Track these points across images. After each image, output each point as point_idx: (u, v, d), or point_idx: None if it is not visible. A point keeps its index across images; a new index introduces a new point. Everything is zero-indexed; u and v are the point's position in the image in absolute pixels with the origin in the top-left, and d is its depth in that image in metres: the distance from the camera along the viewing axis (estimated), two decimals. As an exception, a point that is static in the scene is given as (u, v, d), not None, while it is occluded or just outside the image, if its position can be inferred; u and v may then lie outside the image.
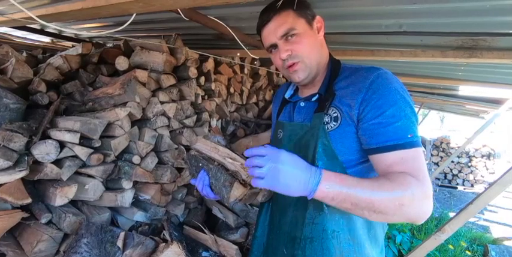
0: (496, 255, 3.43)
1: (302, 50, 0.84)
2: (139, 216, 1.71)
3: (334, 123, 0.82)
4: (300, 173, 0.67)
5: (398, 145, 0.72)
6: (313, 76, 0.89)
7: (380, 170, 0.76)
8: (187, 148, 2.01)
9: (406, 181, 0.68)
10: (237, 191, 0.81)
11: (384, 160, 0.74)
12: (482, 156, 7.40)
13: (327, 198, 0.67)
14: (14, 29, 2.50)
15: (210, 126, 2.24)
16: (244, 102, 2.67)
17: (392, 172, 0.72)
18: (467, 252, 3.52)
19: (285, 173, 0.66)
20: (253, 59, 2.62)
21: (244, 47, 1.79)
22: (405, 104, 0.75)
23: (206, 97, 2.22)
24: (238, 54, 2.28)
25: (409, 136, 0.72)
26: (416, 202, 0.67)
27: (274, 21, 0.85)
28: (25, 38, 2.97)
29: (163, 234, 1.65)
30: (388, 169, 0.73)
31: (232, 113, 2.55)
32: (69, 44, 3.14)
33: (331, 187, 0.66)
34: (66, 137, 1.40)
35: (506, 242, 3.95)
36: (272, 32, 0.85)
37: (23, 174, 1.28)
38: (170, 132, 1.93)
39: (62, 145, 1.44)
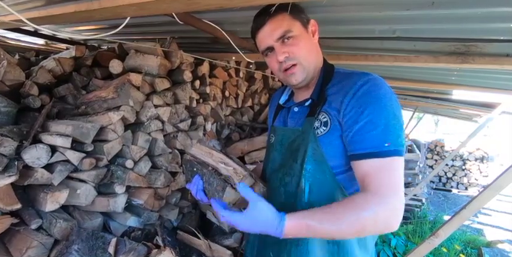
0: (490, 258, 3.45)
1: (299, 52, 0.84)
2: (132, 221, 1.68)
3: (324, 128, 0.82)
4: (263, 230, 0.73)
5: (373, 153, 0.72)
6: (309, 79, 0.89)
7: (358, 178, 0.77)
8: (182, 152, 2.00)
9: (367, 203, 0.69)
10: (229, 196, 0.82)
11: (359, 167, 0.75)
12: (476, 159, 7.48)
13: (294, 236, 0.73)
14: (7, 31, 2.48)
15: (204, 130, 2.23)
16: (240, 106, 2.67)
17: (364, 183, 0.73)
18: (461, 255, 3.53)
19: (255, 226, 0.74)
20: (249, 63, 2.62)
21: (239, 50, 1.79)
22: (388, 111, 0.74)
23: (201, 101, 2.21)
24: (233, 58, 2.28)
25: (386, 145, 0.71)
26: (380, 219, 0.69)
27: (269, 24, 0.84)
28: (19, 40, 2.95)
29: (156, 239, 1.63)
30: (362, 179, 0.74)
31: (228, 117, 2.55)
32: (63, 46, 3.12)
33: (295, 231, 0.71)
34: (57, 141, 1.38)
35: (499, 245, 3.98)
36: (268, 34, 0.85)
37: (12, 179, 1.26)
38: (164, 136, 1.92)
39: (53, 149, 1.42)
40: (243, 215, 0.73)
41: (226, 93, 2.44)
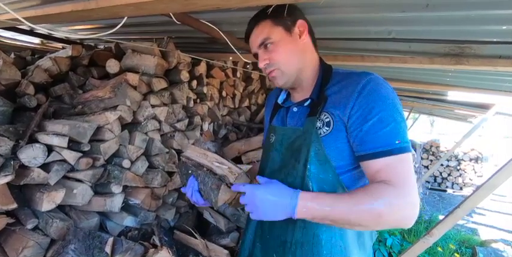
0: (484, 257, 3.48)
1: (278, 58, 0.87)
2: (129, 221, 1.68)
3: (326, 128, 0.82)
4: (279, 201, 0.74)
5: (386, 151, 0.73)
6: (293, 80, 0.91)
7: (369, 176, 0.77)
8: (179, 152, 2.00)
9: (384, 192, 0.70)
10: (224, 195, 0.82)
11: (372, 166, 0.75)
12: (471, 159, 7.55)
13: (308, 217, 0.74)
14: (2, 30, 2.46)
15: (201, 130, 2.24)
16: (237, 106, 2.67)
17: (377, 179, 0.74)
18: (455, 254, 3.57)
19: (266, 206, 0.74)
20: (246, 63, 2.63)
21: (236, 51, 1.79)
22: (394, 109, 0.76)
23: (198, 101, 2.21)
24: (230, 58, 2.28)
25: (396, 142, 0.73)
26: (396, 210, 0.69)
27: (254, 32, 0.90)
28: (14, 39, 2.93)
29: (153, 239, 1.63)
30: (375, 175, 0.74)
31: (225, 117, 2.55)
32: (59, 45, 3.10)
33: (309, 209, 0.72)
34: (54, 141, 1.38)
35: (493, 245, 4.02)
36: (253, 42, 0.91)
37: (8, 179, 1.25)
38: (161, 136, 1.92)
39: (49, 148, 1.42)
40: (263, 185, 0.77)
41: (224, 94, 2.44)
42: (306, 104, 0.90)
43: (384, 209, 0.68)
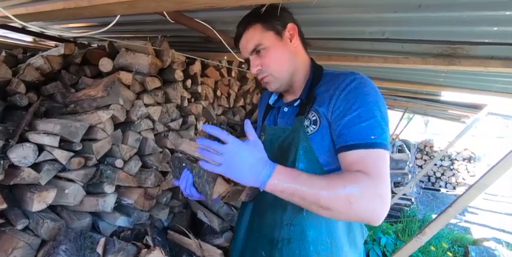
0: (476, 256, 3.52)
1: (270, 63, 0.87)
2: (121, 221, 1.67)
3: (313, 126, 0.84)
4: (255, 164, 0.69)
5: (360, 144, 0.73)
6: (286, 85, 0.91)
7: (344, 168, 0.77)
8: (172, 152, 1.99)
9: (357, 179, 0.69)
10: (220, 187, 0.81)
11: (346, 158, 0.75)
12: (464, 159, 7.65)
13: (276, 191, 0.69)
14: (-7, 28, 2.42)
15: (196, 129, 2.23)
16: (232, 106, 2.67)
17: (352, 170, 0.73)
18: (448, 253, 3.61)
19: (241, 162, 0.69)
20: (241, 62, 2.62)
21: (231, 50, 1.79)
22: (374, 107, 0.76)
23: (192, 100, 2.20)
24: (225, 57, 2.28)
25: (372, 137, 0.73)
26: (366, 199, 0.67)
27: (244, 37, 0.88)
28: (5, 37, 2.88)
29: (146, 239, 1.62)
30: (349, 167, 0.74)
31: (219, 116, 2.54)
32: (52, 43, 3.06)
33: (281, 182, 0.68)
34: (45, 140, 1.36)
35: (485, 243, 4.07)
36: (244, 48, 0.90)
37: (-3, 178, 1.23)
38: (155, 135, 1.90)
39: (40, 148, 1.39)
40: (252, 144, 0.72)
41: (218, 93, 2.44)
42: (295, 104, 0.91)
43: (355, 195, 0.66)
